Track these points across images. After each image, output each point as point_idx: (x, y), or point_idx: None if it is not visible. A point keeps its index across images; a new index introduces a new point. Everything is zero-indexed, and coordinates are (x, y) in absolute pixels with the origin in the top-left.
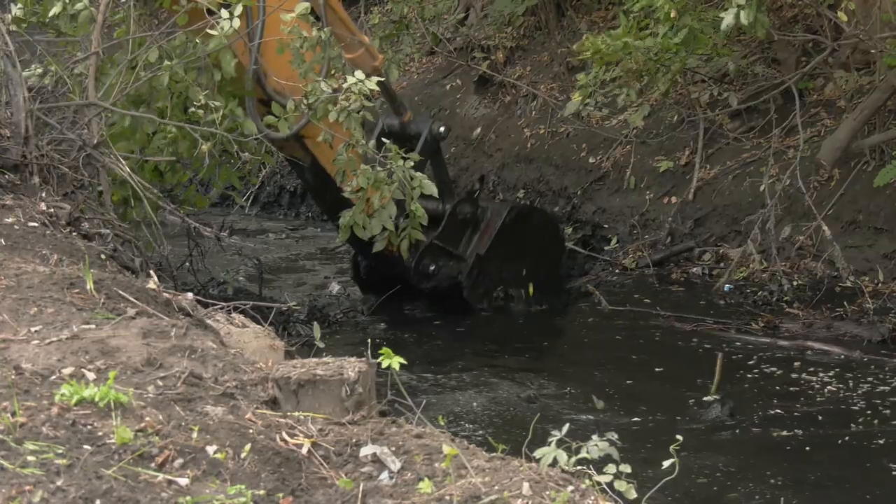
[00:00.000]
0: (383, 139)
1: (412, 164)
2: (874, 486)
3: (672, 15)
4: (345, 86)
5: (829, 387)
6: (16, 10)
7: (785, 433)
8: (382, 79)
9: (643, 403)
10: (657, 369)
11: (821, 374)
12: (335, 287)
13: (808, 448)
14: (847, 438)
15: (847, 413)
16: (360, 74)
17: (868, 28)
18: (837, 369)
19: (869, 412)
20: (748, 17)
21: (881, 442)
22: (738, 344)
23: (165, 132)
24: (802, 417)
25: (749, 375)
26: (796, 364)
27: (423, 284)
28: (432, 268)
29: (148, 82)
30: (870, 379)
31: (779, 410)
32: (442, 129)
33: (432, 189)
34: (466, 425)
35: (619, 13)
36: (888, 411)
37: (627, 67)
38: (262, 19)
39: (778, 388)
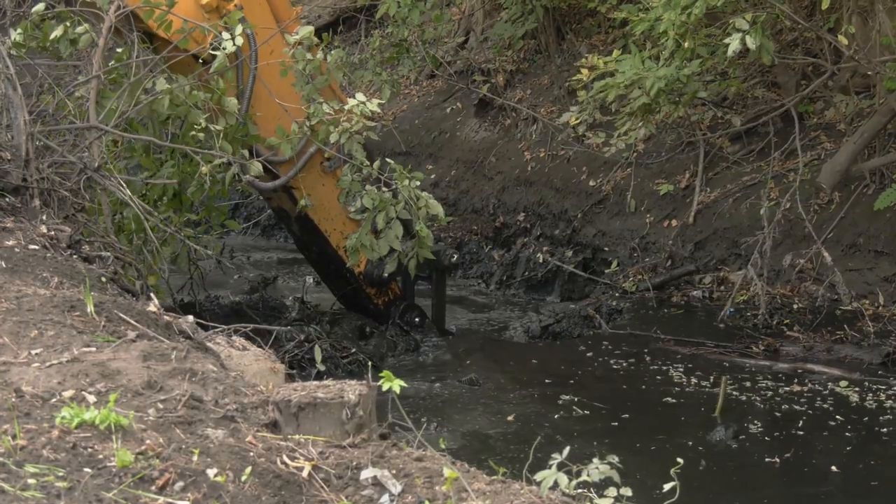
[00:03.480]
0: (389, 160)
1: (417, 183)
2: None
3: (686, 45)
4: (346, 107)
5: (832, 409)
6: (15, 34)
7: (789, 456)
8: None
9: (646, 426)
10: (659, 393)
11: (823, 397)
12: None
13: (812, 471)
14: (852, 460)
15: (850, 435)
16: (360, 96)
17: (868, 52)
18: (840, 392)
19: (871, 434)
20: (754, 43)
21: (885, 464)
22: (741, 367)
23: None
24: (806, 440)
25: (752, 398)
26: (799, 387)
27: (400, 325)
28: (417, 319)
29: (148, 105)
30: (871, 402)
31: (783, 433)
32: (454, 257)
33: (438, 209)
34: (467, 448)
35: (630, 44)
36: (890, 434)
37: (640, 103)
38: (253, 72)
39: (782, 410)
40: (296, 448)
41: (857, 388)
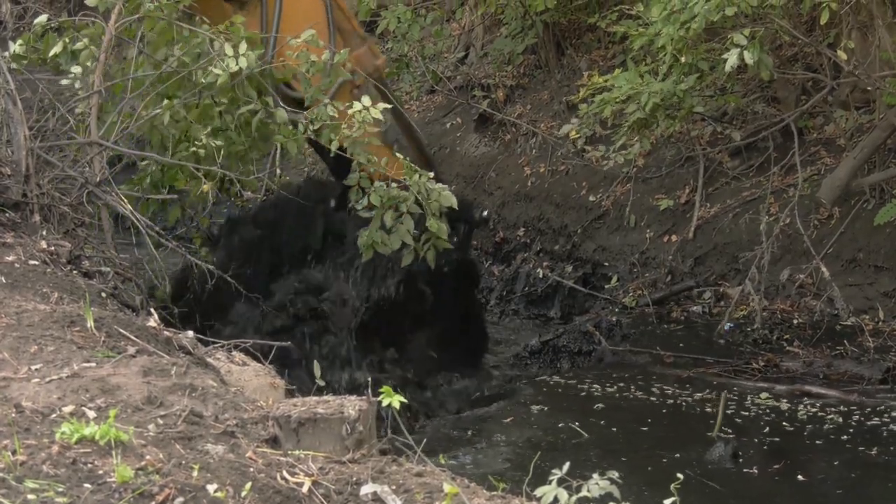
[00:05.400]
0: (399, 154)
1: (429, 177)
2: None
3: (682, 60)
4: (349, 112)
5: (830, 427)
6: (15, 46)
7: (787, 473)
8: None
9: (645, 443)
10: (659, 409)
11: (822, 415)
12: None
13: (811, 488)
14: (851, 479)
15: (850, 453)
16: (366, 101)
17: (867, 67)
18: (838, 409)
19: (869, 452)
20: (752, 58)
21: (883, 481)
22: (740, 385)
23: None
24: (805, 458)
25: (751, 415)
26: (797, 404)
27: None
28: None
29: (149, 122)
30: (869, 420)
31: (781, 450)
32: (485, 213)
33: (452, 200)
34: (467, 463)
35: (628, 59)
36: (889, 452)
37: (636, 117)
38: (278, 12)
39: (780, 428)
40: (296, 463)
41: (855, 406)
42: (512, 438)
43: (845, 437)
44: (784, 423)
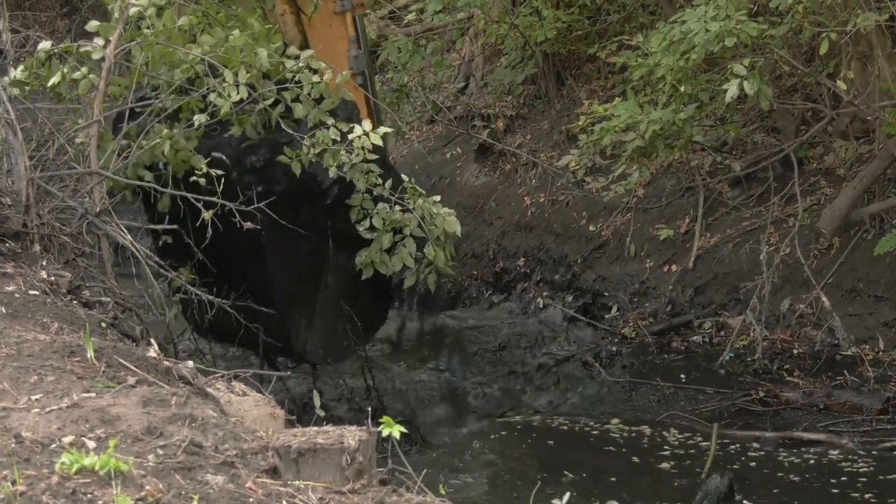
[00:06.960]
0: (404, 176)
1: (436, 199)
2: None
3: (682, 90)
4: (350, 137)
5: (827, 464)
6: (16, 72)
7: None
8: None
9: (642, 476)
10: (655, 443)
11: (818, 452)
12: None
13: None
14: None
15: (844, 491)
16: (367, 125)
17: (867, 97)
18: (832, 447)
19: (862, 489)
20: (752, 88)
21: None
22: (733, 422)
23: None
24: (801, 493)
25: (746, 447)
26: (794, 440)
27: None
28: None
29: (149, 151)
30: (863, 463)
31: (777, 485)
32: None
33: (455, 227)
34: (467, 494)
35: (628, 89)
36: (883, 493)
37: (635, 146)
38: None
39: (776, 462)
40: (295, 494)
41: (848, 446)
42: (510, 469)
43: (841, 472)
44: (780, 457)
